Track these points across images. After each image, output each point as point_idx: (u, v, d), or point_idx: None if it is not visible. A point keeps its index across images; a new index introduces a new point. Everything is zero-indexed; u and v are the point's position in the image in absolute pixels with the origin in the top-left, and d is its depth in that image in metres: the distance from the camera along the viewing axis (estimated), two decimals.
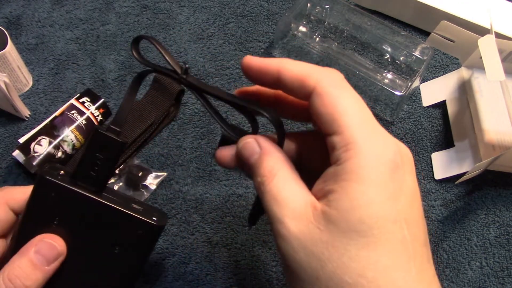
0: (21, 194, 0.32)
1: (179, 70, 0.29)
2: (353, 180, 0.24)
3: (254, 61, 0.28)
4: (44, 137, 0.45)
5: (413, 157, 0.27)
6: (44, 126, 0.47)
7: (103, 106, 0.49)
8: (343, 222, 0.23)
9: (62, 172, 0.30)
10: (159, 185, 0.48)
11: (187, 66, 0.29)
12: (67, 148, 0.46)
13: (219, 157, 0.30)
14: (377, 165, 0.24)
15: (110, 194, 0.30)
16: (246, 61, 0.29)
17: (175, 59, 0.29)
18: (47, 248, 0.29)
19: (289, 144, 0.30)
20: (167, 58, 0.29)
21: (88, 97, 0.49)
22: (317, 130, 0.29)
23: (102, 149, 0.29)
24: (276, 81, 0.28)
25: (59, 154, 0.46)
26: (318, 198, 0.25)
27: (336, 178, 0.24)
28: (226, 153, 0.30)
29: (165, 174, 0.48)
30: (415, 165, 0.51)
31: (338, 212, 0.24)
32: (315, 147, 0.30)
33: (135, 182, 0.47)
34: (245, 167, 0.28)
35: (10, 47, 0.49)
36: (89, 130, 0.48)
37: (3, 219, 0.32)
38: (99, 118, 0.49)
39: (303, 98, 0.27)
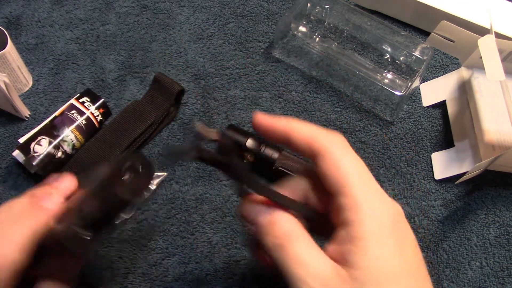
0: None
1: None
2: (364, 239, 0.26)
3: (263, 120, 0.31)
4: (44, 137, 0.45)
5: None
6: (44, 126, 0.47)
7: (103, 106, 0.49)
8: (365, 279, 0.26)
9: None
10: (159, 185, 0.48)
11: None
12: (67, 148, 0.46)
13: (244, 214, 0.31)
14: (381, 224, 0.27)
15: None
16: (256, 120, 0.31)
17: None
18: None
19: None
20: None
21: (88, 97, 0.49)
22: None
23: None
24: (285, 141, 0.30)
25: (59, 154, 0.46)
26: (336, 260, 0.27)
27: (348, 239, 0.27)
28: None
29: (165, 174, 0.48)
30: (416, 165, 0.51)
31: (357, 271, 0.26)
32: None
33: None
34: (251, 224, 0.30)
35: (10, 47, 0.49)
36: (89, 130, 0.48)
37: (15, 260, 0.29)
38: (99, 118, 0.49)
39: (310, 158, 0.30)
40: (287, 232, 0.28)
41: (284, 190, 0.30)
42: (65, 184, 0.33)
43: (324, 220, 0.30)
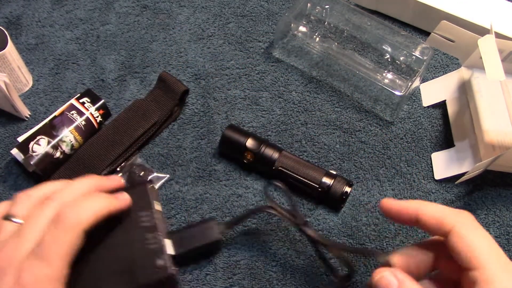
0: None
1: (301, 221, 0.40)
2: None
3: (393, 204, 0.35)
4: (43, 136, 0.45)
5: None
6: (43, 126, 0.47)
7: (103, 107, 0.49)
8: None
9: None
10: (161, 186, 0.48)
11: (307, 220, 0.41)
12: (66, 148, 0.46)
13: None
14: None
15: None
16: (385, 204, 0.36)
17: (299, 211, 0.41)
18: None
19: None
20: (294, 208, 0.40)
21: (89, 98, 0.49)
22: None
23: None
24: (415, 222, 0.34)
25: (58, 154, 0.46)
26: None
27: None
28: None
29: (168, 176, 0.48)
30: (416, 165, 0.51)
31: None
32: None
33: (136, 181, 0.47)
34: None
35: (10, 47, 0.49)
36: (88, 131, 0.48)
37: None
38: (99, 119, 0.49)
39: (440, 235, 0.34)
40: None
41: (416, 254, 0.35)
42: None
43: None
